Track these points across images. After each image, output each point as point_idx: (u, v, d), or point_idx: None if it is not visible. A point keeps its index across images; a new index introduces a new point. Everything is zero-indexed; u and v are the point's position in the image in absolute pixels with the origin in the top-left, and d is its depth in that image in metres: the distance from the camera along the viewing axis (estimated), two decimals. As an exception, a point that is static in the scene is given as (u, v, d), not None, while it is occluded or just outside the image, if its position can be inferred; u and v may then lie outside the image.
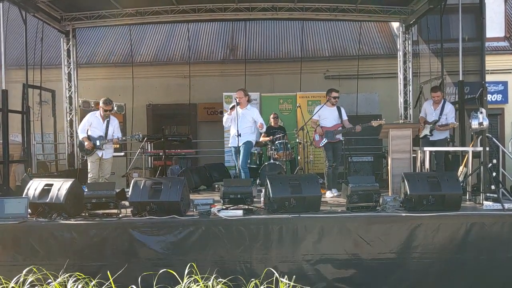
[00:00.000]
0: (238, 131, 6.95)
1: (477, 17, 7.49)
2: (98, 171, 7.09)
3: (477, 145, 6.37)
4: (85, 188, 5.60)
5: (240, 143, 7.03)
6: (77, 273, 4.21)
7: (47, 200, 5.35)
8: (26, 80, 8.68)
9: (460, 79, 7.80)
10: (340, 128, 7.13)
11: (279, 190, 5.31)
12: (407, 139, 6.32)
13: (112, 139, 7.08)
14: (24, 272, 4.20)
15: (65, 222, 5.14)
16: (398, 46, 10.64)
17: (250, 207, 5.48)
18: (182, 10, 9.81)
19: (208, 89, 12.34)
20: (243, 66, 12.15)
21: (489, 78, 9.51)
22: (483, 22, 7.19)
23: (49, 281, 4.20)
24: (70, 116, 10.29)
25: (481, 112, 5.89)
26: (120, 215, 5.33)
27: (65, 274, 4.17)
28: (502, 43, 12.37)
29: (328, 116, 7.17)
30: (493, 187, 5.77)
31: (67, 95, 10.30)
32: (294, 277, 4.10)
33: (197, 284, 3.95)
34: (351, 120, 7.31)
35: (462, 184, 6.09)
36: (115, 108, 10.22)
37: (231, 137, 7.31)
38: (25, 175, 7.53)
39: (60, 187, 5.39)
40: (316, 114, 7.24)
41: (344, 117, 7.23)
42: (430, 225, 4.97)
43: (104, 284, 4.00)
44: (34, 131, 9.48)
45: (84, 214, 5.47)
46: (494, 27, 11.76)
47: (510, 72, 12.06)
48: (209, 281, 4.02)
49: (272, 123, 9.29)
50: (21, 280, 4.13)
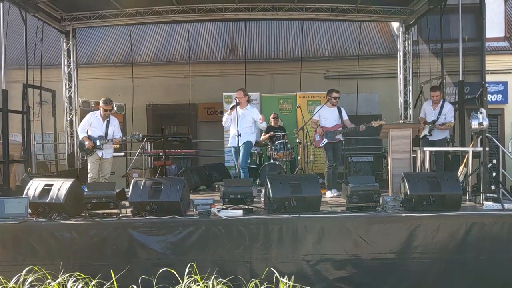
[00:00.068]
0: (238, 131, 6.96)
1: (477, 17, 7.49)
2: (98, 171, 7.09)
3: (477, 145, 6.37)
4: (85, 188, 5.60)
5: (240, 143, 7.03)
6: (77, 273, 4.20)
7: (47, 200, 5.35)
8: (26, 80, 8.68)
9: (460, 79, 7.80)
10: (341, 128, 7.14)
11: (279, 190, 5.31)
12: (407, 139, 6.33)
13: (112, 139, 7.08)
14: (24, 272, 4.20)
15: (65, 222, 5.14)
16: (398, 46, 10.64)
17: (250, 207, 5.48)
18: (182, 10, 9.82)
19: (208, 89, 12.33)
20: (243, 66, 12.14)
21: (489, 78, 9.51)
22: (483, 22, 7.20)
23: (49, 281, 4.20)
24: (70, 116, 10.29)
25: (481, 112, 5.89)
26: (120, 215, 5.33)
27: (65, 274, 4.17)
28: (502, 43, 12.37)
29: (329, 117, 7.19)
30: (493, 187, 5.77)
31: (67, 95, 10.30)
32: (294, 277, 4.10)
33: (197, 284, 3.95)
34: (351, 120, 7.30)
35: (462, 184, 6.09)
36: (115, 108, 10.22)
37: (231, 137, 7.31)
38: (25, 175, 7.53)
39: (60, 187, 5.40)
40: (317, 114, 7.25)
41: (345, 117, 7.24)
42: (430, 225, 4.98)
43: (105, 284, 4.00)
44: (34, 131, 9.48)
45: (84, 214, 5.48)
46: (494, 27, 11.76)
47: (510, 72, 12.05)
48: (209, 281, 4.02)
49: (272, 123, 9.30)
50: (21, 280, 4.13)
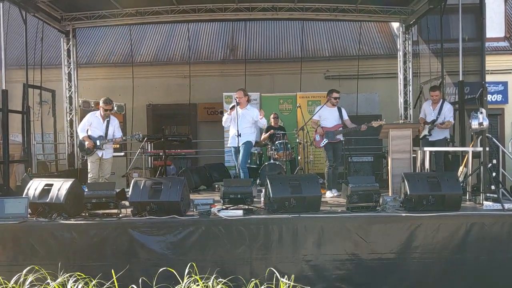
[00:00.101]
0: (238, 131, 6.96)
1: (477, 17, 7.49)
2: (98, 171, 7.09)
3: (477, 145, 6.36)
4: (85, 188, 5.60)
5: (240, 143, 7.03)
6: (77, 273, 4.20)
7: (47, 200, 5.35)
8: (26, 80, 8.68)
9: (460, 79, 7.80)
10: (341, 129, 7.15)
11: (279, 190, 5.31)
12: (407, 139, 6.33)
13: (113, 139, 7.09)
14: (24, 272, 4.20)
15: (65, 222, 5.14)
16: (398, 46, 10.64)
17: (250, 207, 5.48)
18: (182, 10, 9.82)
19: (208, 89, 12.33)
20: (243, 66, 12.13)
21: (489, 78, 9.51)
22: (483, 22, 7.20)
23: (49, 281, 4.20)
24: (70, 116, 10.29)
25: (481, 112, 5.89)
26: (120, 215, 5.33)
27: (65, 274, 4.17)
28: (502, 43, 12.37)
29: (329, 117, 7.19)
30: (493, 187, 5.77)
31: (67, 95, 10.30)
32: (294, 277, 4.10)
33: (197, 284, 3.95)
34: (351, 120, 7.30)
35: (462, 184, 6.08)
36: (115, 108, 10.22)
37: (231, 137, 7.31)
38: (25, 175, 7.53)
39: (60, 187, 5.40)
40: (317, 115, 7.26)
41: (345, 117, 7.25)
42: (430, 225, 4.98)
43: (104, 284, 4.00)
44: (34, 131, 9.48)
45: (84, 214, 5.47)
46: (494, 27, 11.76)
47: (510, 72, 12.05)
48: (209, 281, 4.02)
49: (272, 123, 9.30)
50: (21, 280, 4.13)
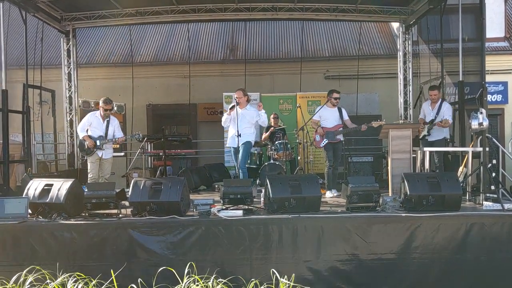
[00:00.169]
0: (238, 131, 6.95)
1: (477, 18, 7.49)
2: (98, 171, 7.09)
3: (477, 146, 6.36)
4: (85, 188, 5.60)
5: (240, 143, 7.03)
6: (77, 273, 4.21)
7: (47, 200, 5.35)
8: (26, 80, 8.68)
9: (460, 80, 7.80)
10: (341, 129, 7.15)
11: (279, 190, 5.31)
12: (407, 139, 6.33)
13: (113, 139, 7.08)
14: (24, 272, 4.20)
15: (65, 222, 5.14)
16: (398, 46, 10.64)
17: (250, 207, 5.48)
18: (182, 10, 9.82)
19: (208, 89, 12.33)
20: (243, 66, 12.13)
21: (489, 79, 9.50)
22: (483, 22, 7.19)
23: (49, 281, 4.20)
24: (70, 116, 10.29)
25: (481, 113, 5.89)
26: (120, 215, 5.33)
27: (65, 274, 4.17)
28: (502, 43, 12.36)
29: (329, 117, 7.19)
30: (493, 188, 5.77)
31: (67, 95, 10.30)
32: (294, 277, 4.10)
33: (197, 284, 3.95)
34: (351, 121, 7.30)
35: (462, 185, 6.08)
36: (115, 108, 10.22)
37: (230, 137, 7.30)
38: (25, 175, 7.53)
39: (60, 187, 5.40)
40: (317, 115, 7.26)
41: (346, 118, 7.25)
42: (430, 226, 4.98)
43: (104, 284, 4.00)
44: (34, 131, 9.47)
45: (84, 214, 5.48)
46: (494, 27, 11.75)
47: (510, 73, 12.05)
48: (209, 281, 4.02)
49: (272, 123, 9.30)
50: (21, 280, 4.14)
